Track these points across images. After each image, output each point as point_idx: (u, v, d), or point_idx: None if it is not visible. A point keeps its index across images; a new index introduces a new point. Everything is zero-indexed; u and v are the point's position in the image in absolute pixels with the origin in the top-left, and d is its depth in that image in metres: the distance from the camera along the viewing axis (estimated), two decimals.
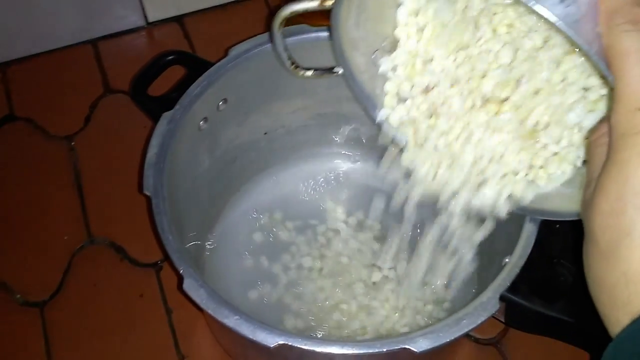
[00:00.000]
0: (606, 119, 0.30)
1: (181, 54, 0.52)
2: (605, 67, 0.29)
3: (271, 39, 0.43)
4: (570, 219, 0.37)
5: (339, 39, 0.41)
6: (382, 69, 0.41)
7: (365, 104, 0.43)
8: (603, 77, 0.32)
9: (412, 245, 0.47)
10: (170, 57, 0.51)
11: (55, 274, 0.59)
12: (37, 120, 0.68)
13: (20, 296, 0.58)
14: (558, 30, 0.29)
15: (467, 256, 0.44)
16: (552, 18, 0.28)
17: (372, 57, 0.42)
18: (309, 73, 0.45)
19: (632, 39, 0.27)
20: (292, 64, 0.45)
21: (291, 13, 0.39)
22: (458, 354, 0.54)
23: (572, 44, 0.29)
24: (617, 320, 0.28)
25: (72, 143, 0.67)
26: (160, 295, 0.58)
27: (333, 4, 0.37)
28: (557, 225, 0.46)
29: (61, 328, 0.56)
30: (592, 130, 0.34)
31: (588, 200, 0.30)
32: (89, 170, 0.65)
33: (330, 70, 0.46)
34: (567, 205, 0.38)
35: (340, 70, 0.44)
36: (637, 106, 0.27)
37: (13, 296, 0.58)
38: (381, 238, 0.56)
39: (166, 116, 0.46)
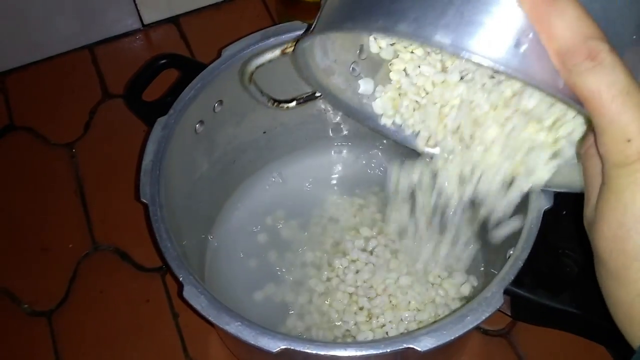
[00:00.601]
0: (590, 132, 0.29)
1: (174, 57, 0.51)
2: (579, 106, 0.26)
3: (246, 90, 0.42)
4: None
5: (311, 75, 0.39)
6: (362, 89, 0.40)
7: (356, 118, 0.42)
8: None
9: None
10: (162, 61, 0.51)
11: (62, 282, 0.59)
12: (37, 129, 0.68)
13: (27, 306, 0.58)
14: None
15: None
16: (509, 71, 0.26)
17: (350, 70, 0.41)
18: (292, 104, 0.44)
19: (597, 76, 0.25)
20: (274, 103, 0.44)
21: (256, 68, 0.38)
22: (467, 347, 0.53)
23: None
24: (636, 335, 0.28)
25: (73, 150, 0.67)
26: (167, 300, 0.58)
27: (294, 49, 0.35)
28: (564, 212, 0.45)
29: (69, 336, 0.56)
30: (580, 143, 0.33)
31: (590, 221, 0.29)
32: (91, 176, 0.65)
33: (312, 95, 0.45)
34: (577, 178, 0.36)
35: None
36: (626, 138, 0.26)
37: (20, 306, 0.58)
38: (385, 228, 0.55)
39: (160, 122, 0.46)
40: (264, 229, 0.57)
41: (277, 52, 0.35)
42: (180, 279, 0.40)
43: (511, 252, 0.41)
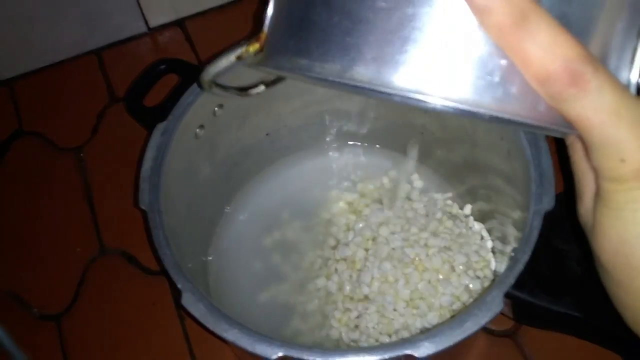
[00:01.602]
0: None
1: (173, 61, 0.51)
2: (564, 130, 0.25)
3: (210, 93, 0.40)
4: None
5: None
6: None
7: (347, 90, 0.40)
8: None
9: None
10: (162, 67, 0.51)
11: (70, 286, 0.60)
12: (45, 134, 0.68)
13: (36, 310, 0.59)
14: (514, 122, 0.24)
15: None
16: (483, 112, 0.23)
17: None
18: (261, 88, 0.42)
19: (582, 102, 0.23)
20: (241, 92, 0.42)
21: (214, 76, 0.36)
22: (473, 347, 0.53)
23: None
24: None
25: (81, 154, 0.67)
26: (173, 303, 0.58)
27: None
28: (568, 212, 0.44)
29: (78, 340, 0.57)
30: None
31: (587, 224, 0.29)
32: (98, 180, 0.65)
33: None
34: None
35: None
36: (619, 157, 0.24)
37: (30, 310, 0.59)
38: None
39: (159, 127, 0.46)
40: (267, 230, 0.57)
41: (232, 59, 0.33)
42: (179, 286, 0.40)
43: (512, 254, 0.40)
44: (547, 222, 0.40)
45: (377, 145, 0.59)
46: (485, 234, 0.53)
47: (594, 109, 0.23)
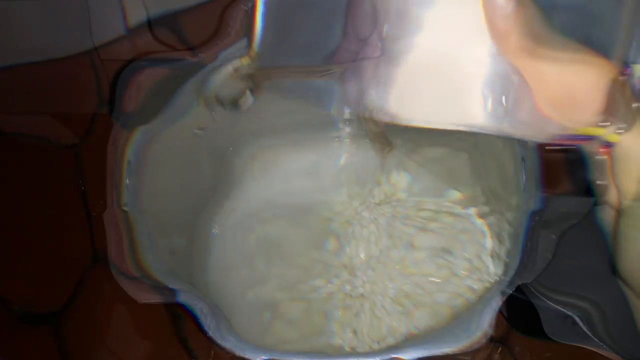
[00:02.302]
0: None
1: (154, 60, 0.51)
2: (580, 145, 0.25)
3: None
4: None
5: None
6: None
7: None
8: None
9: None
10: (141, 63, 0.50)
11: (66, 289, 0.58)
12: (32, 132, 0.67)
13: (20, 308, 0.58)
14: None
15: None
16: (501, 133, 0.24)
17: None
18: (251, 100, 0.42)
19: (612, 128, 0.23)
20: (233, 106, 0.41)
21: (215, 90, 0.35)
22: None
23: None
24: None
25: (76, 152, 0.66)
26: (165, 305, 0.57)
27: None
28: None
29: (75, 345, 0.56)
30: None
31: (610, 229, 0.28)
32: (93, 182, 0.64)
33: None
34: None
35: None
36: (638, 178, 0.24)
37: (16, 312, 0.58)
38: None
39: (143, 129, 0.45)
40: (256, 230, 0.56)
41: (230, 69, 0.33)
42: (173, 287, 0.39)
43: (507, 258, 0.40)
44: (548, 224, 0.40)
45: (368, 141, 0.58)
46: (486, 229, 0.52)
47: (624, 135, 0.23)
